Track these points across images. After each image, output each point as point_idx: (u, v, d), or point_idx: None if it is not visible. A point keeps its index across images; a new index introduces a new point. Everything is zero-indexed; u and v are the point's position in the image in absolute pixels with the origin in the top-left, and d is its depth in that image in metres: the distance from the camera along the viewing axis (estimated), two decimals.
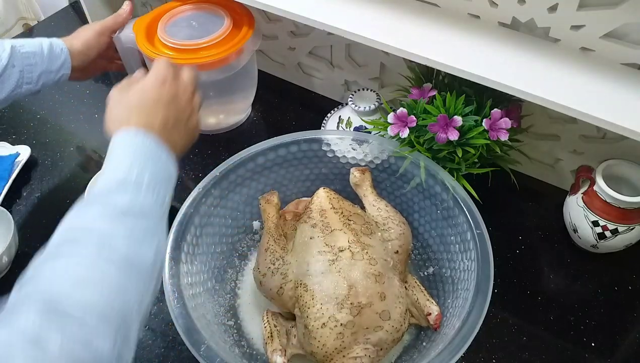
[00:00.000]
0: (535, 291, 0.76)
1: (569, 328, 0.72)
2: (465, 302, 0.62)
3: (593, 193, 0.73)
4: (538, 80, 0.65)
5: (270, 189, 0.78)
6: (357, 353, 0.60)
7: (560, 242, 0.82)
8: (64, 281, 0.42)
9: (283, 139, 0.76)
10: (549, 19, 0.68)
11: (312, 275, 0.64)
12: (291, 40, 1.01)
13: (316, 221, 0.68)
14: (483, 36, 0.71)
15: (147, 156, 0.54)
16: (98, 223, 0.47)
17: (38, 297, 0.40)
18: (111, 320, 0.42)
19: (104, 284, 0.43)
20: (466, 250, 0.67)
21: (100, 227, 0.47)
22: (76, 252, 0.45)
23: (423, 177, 0.73)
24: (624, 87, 0.64)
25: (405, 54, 0.70)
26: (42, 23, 1.32)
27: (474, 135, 0.70)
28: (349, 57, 0.97)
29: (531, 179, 0.90)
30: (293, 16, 0.76)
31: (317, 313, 0.61)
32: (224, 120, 1.00)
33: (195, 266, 0.68)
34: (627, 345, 0.71)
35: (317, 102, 1.05)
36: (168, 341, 0.73)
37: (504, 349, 0.70)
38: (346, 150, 0.78)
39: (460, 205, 0.69)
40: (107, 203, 0.49)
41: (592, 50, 0.68)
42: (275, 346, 0.65)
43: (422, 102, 0.74)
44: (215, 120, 0.99)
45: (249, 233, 0.81)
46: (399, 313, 0.62)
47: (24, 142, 0.97)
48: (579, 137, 0.80)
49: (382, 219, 0.70)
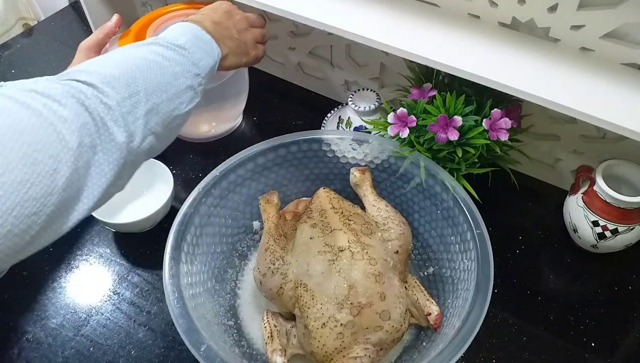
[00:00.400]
0: (535, 291, 0.76)
1: (569, 328, 0.72)
2: (465, 302, 0.62)
3: (593, 193, 0.73)
4: (538, 80, 0.65)
5: (270, 189, 0.78)
6: (357, 353, 0.60)
7: (560, 242, 0.82)
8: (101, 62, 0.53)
9: (283, 139, 0.76)
10: (549, 19, 0.68)
11: (312, 275, 0.64)
12: (291, 40, 1.01)
13: (316, 221, 0.68)
14: (483, 36, 0.71)
15: (194, 35, 0.62)
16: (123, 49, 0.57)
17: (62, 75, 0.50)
18: (119, 86, 0.50)
19: (118, 63, 0.53)
20: (466, 250, 0.67)
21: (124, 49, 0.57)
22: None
23: (423, 177, 0.73)
24: (624, 87, 0.64)
25: (405, 54, 0.70)
26: (42, 23, 1.32)
27: (474, 135, 0.70)
28: (349, 57, 0.97)
29: (531, 179, 0.90)
30: (293, 16, 0.76)
31: (317, 313, 0.61)
32: (215, 128, 0.98)
33: (195, 266, 0.68)
34: (627, 345, 0.71)
35: (317, 102, 1.05)
36: (168, 341, 0.73)
37: (504, 349, 0.70)
38: (346, 150, 0.78)
39: (460, 205, 0.69)
40: (146, 43, 0.58)
41: (592, 50, 0.68)
42: (275, 346, 0.65)
43: (422, 102, 0.74)
44: (206, 128, 0.98)
45: (249, 233, 0.81)
46: (399, 313, 0.62)
47: None
48: (579, 137, 0.80)
49: (382, 219, 0.70)
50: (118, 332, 0.74)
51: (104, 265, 0.82)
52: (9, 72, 1.16)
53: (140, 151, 0.52)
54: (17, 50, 1.21)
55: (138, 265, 0.82)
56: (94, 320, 0.75)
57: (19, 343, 0.73)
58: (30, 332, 0.74)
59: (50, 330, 0.74)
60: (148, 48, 0.57)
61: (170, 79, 0.56)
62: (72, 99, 0.46)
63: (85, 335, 0.74)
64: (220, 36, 0.66)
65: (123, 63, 0.53)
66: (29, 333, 0.74)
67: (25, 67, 1.18)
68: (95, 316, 0.76)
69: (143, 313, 0.76)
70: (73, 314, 0.76)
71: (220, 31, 0.67)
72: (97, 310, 0.77)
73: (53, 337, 0.74)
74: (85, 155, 0.46)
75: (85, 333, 0.74)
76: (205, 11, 0.70)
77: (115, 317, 0.76)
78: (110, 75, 0.51)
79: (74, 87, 0.47)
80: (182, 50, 0.59)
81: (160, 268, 0.64)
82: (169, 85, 0.55)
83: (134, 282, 0.80)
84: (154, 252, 0.83)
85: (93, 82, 0.49)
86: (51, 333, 0.74)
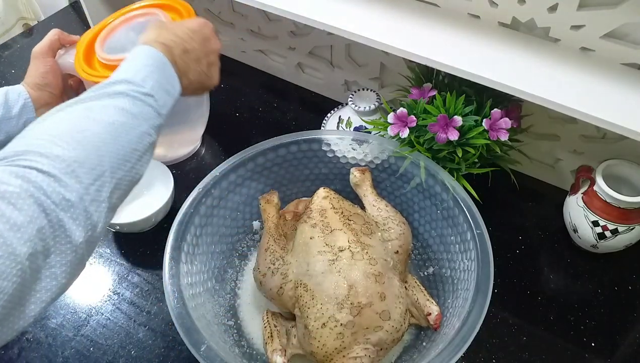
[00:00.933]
0: (535, 291, 0.76)
1: (569, 328, 0.72)
2: (465, 302, 0.62)
3: (593, 193, 0.73)
4: (538, 80, 0.65)
5: (270, 189, 0.78)
6: (357, 353, 0.60)
7: (560, 242, 0.82)
8: (43, 133, 0.46)
9: (283, 139, 0.76)
10: (549, 19, 0.68)
11: (312, 275, 0.64)
12: (291, 40, 1.01)
13: (316, 221, 0.68)
14: (483, 36, 0.71)
15: (157, 67, 0.56)
16: (90, 99, 0.51)
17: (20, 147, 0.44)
18: (83, 174, 0.45)
19: (83, 138, 0.46)
20: (466, 250, 0.67)
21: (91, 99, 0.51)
22: (63, 112, 0.48)
23: (423, 177, 0.73)
24: (624, 87, 0.64)
25: (405, 54, 0.70)
26: (42, 23, 1.32)
27: (474, 135, 0.70)
28: (349, 57, 0.97)
29: (531, 179, 0.90)
30: (293, 16, 0.76)
31: (317, 313, 0.61)
32: (171, 152, 0.93)
33: (195, 266, 0.68)
34: (627, 345, 0.71)
35: (317, 102, 1.05)
36: (168, 341, 0.73)
37: (504, 349, 0.70)
38: (346, 150, 0.78)
39: (460, 205, 0.69)
40: (105, 86, 0.52)
41: (592, 50, 0.68)
42: (275, 346, 0.65)
43: (422, 102, 0.74)
44: (161, 151, 0.92)
45: (249, 233, 0.81)
46: (399, 313, 0.62)
47: None
48: (579, 137, 0.80)
49: (382, 219, 0.70)
50: (118, 332, 0.74)
51: (104, 265, 0.82)
52: (9, 72, 1.16)
53: (99, 234, 0.47)
54: (17, 50, 1.21)
55: (138, 265, 0.82)
56: (94, 320, 0.75)
57: (19, 343, 0.73)
58: (30, 332, 0.74)
59: (50, 330, 0.74)
60: (115, 104, 0.50)
61: (136, 143, 0.50)
62: (29, 199, 0.41)
63: (85, 335, 0.74)
64: (184, 69, 0.60)
65: (88, 139, 0.46)
66: (29, 333, 0.74)
67: (25, 67, 1.18)
68: (95, 316, 0.76)
69: (143, 313, 0.76)
70: (73, 314, 0.76)
71: (187, 62, 0.60)
72: (97, 310, 0.77)
73: (53, 337, 0.74)
74: (35, 262, 0.40)
75: (85, 333, 0.74)
76: (181, 32, 0.62)
77: (115, 317, 0.76)
78: (75, 160, 0.44)
79: (32, 181, 0.41)
80: (149, 98, 0.53)
81: (160, 268, 0.64)
82: (134, 152, 0.50)
83: (134, 282, 0.80)
84: (154, 252, 0.83)
85: (54, 174, 0.43)
86: (51, 334, 0.74)
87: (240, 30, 1.08)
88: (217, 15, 1.09)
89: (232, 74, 1.11)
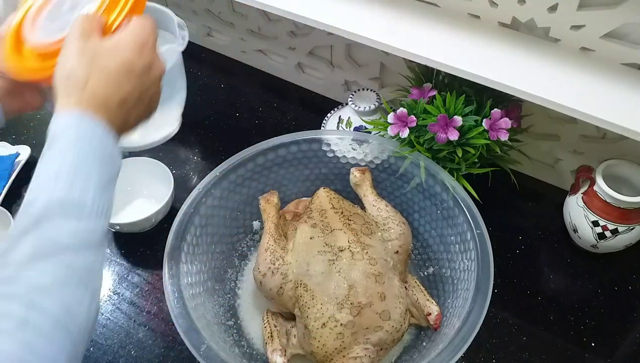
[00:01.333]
0: (535, 291, 0.76)
1: (569, 328, 0.72)
2: (465, 302, 0.62)
3: (593, 193, 0.73)
4: (538, 80, 0.65)
5: (270, 189, 0.78)
6: (357, 353, 0.60)
7: (560, 242, 0.82)
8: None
9: (283, 139, 0.76)
10: (549, 19, 0.68)
11: (312, 275, 0.64)
12: (291, 40, 1.01)
13: (316, 221, 0.68)
14: (483, 36, 0.71)
15: (94, 156, 0.46)
16: (26, 270, 0.41)
17: None
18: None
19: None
20: (466, 250, 0.67)
21: (30, 275, 0.41)
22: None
23: (423, 177, 0.73)
24: (624, 87, 0.64)
25: (405, 54, 0.70)
26: None
27: (474, 135, 0.71)
28: (349, 57, 0.97)
29: (531, 179, 0.90)
30: (293, 16, 0.76)
31: (317, 313, 0.61)
32: (146, 136, 0.77)
33: (195, 266, 0.68)
34: (627, 345, 0.71)
35: (317, 102, 1.05)
36: (168, 341, 0.73)
37: (504, 349, 0.70)
38: (346, 150, 0.78)
39: (460, 205, 0.69)
40: (42, 237, 0.42)
41: (592, 50, 0.68)
42: (275, 346, 0.65)
43: (422, 102, 0.74)
44: (136, 137, 0.76)
45: (249, 233, 0.81)
46: (399, 313, 0.62)
47: (24, 142, 0.97)
48: (579, 137, 0.80)
49: (382, 219, 0.70)
50: (118, 332, 0.74)
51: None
52: None
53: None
54: None
55: (138, 265, 0.82)
56: None
57: None
58: None
59: None
60: (59, 262, 0.42)
61: (91, 292, 0.44)
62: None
63: None
64: (124, 120, 0.49)
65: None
66: None
67: None
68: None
69: (143, 313, 0.76)
70: None
71: (126, 112, 0.49)
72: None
73: None
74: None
75: None
76: (116, 70, 0.48)
77: (115, 317, 0.76)
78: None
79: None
80: (97, 219, 0.46)
81: (160, 268, 0.64)
82: (93, 296, 0.44)
83: (134, 282, 0.80)
84: (154, 252, 0.83)
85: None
86: None
87: (240, 30, 1.08)
88: (217, 15, 1.09)
89: (232, 74, 1.11)
